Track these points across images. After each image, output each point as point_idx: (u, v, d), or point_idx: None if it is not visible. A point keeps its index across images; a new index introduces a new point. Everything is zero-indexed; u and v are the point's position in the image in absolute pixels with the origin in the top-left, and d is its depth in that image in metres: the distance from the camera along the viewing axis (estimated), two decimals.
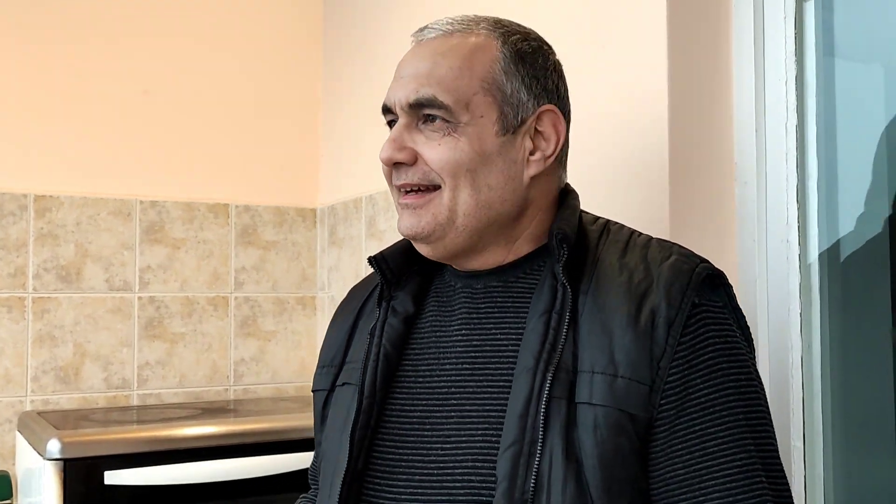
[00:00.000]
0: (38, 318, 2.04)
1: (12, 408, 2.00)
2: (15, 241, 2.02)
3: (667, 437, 0.86)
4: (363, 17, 2.21)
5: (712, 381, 0.87)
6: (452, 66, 0.96)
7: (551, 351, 0.89)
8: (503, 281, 0.99)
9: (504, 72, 0.97)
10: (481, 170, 0.95)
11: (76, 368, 2.07)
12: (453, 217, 0.96)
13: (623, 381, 0.86)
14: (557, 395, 0.87)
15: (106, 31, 2.15)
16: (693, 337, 0.88)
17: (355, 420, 0.97)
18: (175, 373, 2.17)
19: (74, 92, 2.11)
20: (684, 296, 0.88)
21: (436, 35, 1.00)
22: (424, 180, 0.96)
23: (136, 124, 2.17)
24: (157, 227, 2.18)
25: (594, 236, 0.98)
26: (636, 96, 1.32)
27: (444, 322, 1.01)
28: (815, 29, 1.29)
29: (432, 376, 0.98)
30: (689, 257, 0.93)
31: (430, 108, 0.95)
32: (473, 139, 0.95)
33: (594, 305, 0.90)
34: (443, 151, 0.95)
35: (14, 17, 2.06)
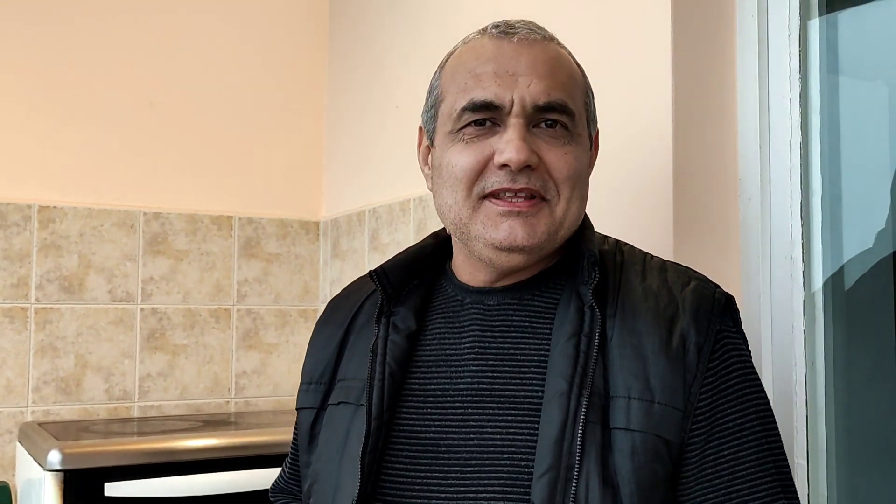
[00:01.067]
0: (40, 328, 2.04)
1: (13, 418, 1.99)
2: (18, 251, 2.03)
3: (698, 461, 0.87)
4: (368, 31, 2.22)
5: (739, 407, 0.88)
6: (568, 74, 0.95)
7: (583, 375, 0.87)
8: (517, 298, 0.96)
9: (589, 88, 1.00)
10: (585, 181, 0.97)
11: (77, 379, 2.07)
12: (559, 228, 0.94)
13: (660, 406, 0.86)
14: (592, 420, 0.86)
15: (112, 44, 2.16)
16: (720, 363, 0.89)
17: (365, 443, 0.92)
18: (176, 385, 2.17)
19: (80, 103, 2.12)
20: (711, 322, 0.89)
21: (536, 38, 0.95)
22: (542, 188, 0.92)
23: (140, 136, 2.18)
24: (161, 239, 2.18)
25: (609, 257, 0.97)
26: (640, 112, 1.32)
27: (452, 339, 0.97)
28: (819, 46, 1.30)
29: (445, 396, 0.94)
30: (706, 283, 0.94)
31: (560, 113, 0.92)
32: (584, 151, 0.96)
33: (623, 329, 0.90)
34: (570, 161, 0.92)
35: (20, 29, 2.07)
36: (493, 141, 0.92)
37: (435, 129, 0.99)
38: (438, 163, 0.97)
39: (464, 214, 0.94)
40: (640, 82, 1.32)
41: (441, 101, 0.98)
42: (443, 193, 0.96)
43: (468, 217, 0.93)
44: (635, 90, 1.33)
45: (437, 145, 0.98)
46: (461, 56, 0.98)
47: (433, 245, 1.06)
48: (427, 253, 1.05)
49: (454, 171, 0.93)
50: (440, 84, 1.00)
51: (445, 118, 0.96)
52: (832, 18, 1.31)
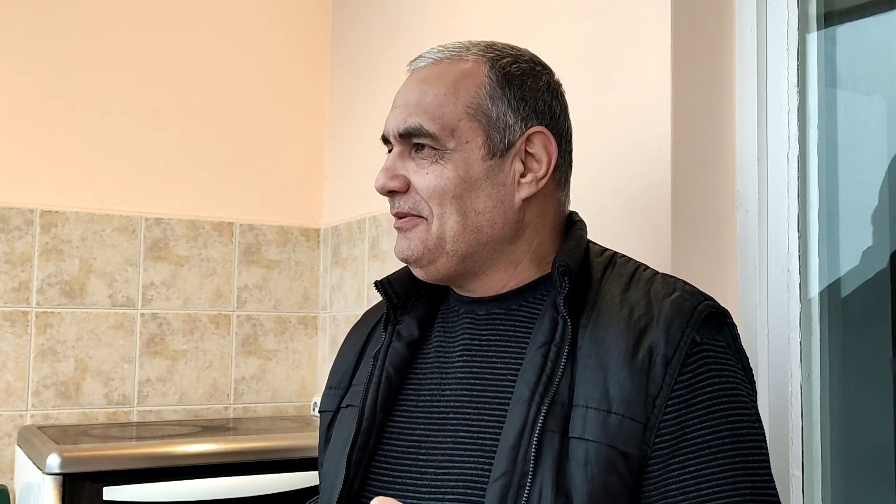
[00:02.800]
0: (40, 332, 2.04)
1: (12, 422, 2.00)
2: (20, 255, 2.03)
3: (660, 476, 0.85)
4: (369, 39, 2.23)
5: (709, 422, 0.86)
6: (438, 93, 0.98)
7: (548, 384, 0.88)
8: (505, 308, 0.99)
9: (490, 96, 0.98)
10: (468, 195, 0.96)
11: (77, 383, 2.07)
12: (442, 242, 0.97)
13: (616, 417, 0.85)
14: (551, 429, 0.86)
15: (116, 50, 2.17)
16: (692, 376, 0.87)
17: (353, 441, 0.98)
18: (175, 390, 2.18)
19: (83, 108, 2.13)
20: (683, 333, 0.88)
21: (426, 63, 1.01)
22: (414, 209, 0.98)
23: (143, 142, 2.19)
24: (162, 245, 2.19)
25: (599, 268, 0.98)
26: (639, 124, 1.33)
27: (447, 348, 1.01)
28: (817, 60, 1.31)
29: (433, 401, 0.98)
30: (692, 294, 0.93)
31: (418, 136, 0.97)
32: (459, 165, 0.96)
33: (592, 339, 0.90)
34: (430, 179, 0.96)
35: (23, 34, 2.08)
36: None
37: None
38: None
39: None
40: (638, 95, 1.33)
41: None
42: None
43: None
44: (634, 103, 1.34)
45: None
46: None
47: None
48: None
49: None
50: None
51: None
52: (830, 32, 1.32)
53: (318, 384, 2.35)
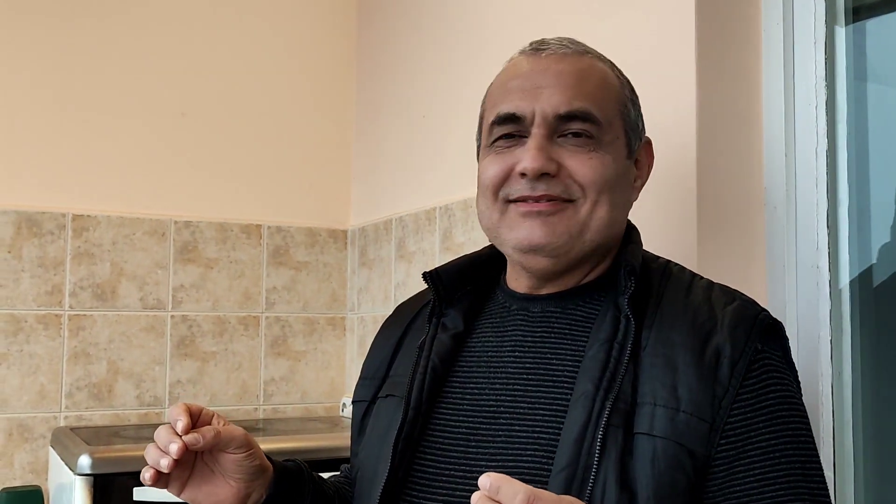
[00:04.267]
0: (73, 335, 2.07)
1: (46, 423, 2.03)
2: (53, 259, 2.06)
3: (725, 476, 0.86)
4: (396, 40, 2.24)
5: (774, 428, 0.87)
6: (598, 84, 0.98)
7: (611, 380, 0.89)
8: (561, 307, 0.99)
9: (630, 99, 1.01)
10: (618, 188, 0.98)
11: (109, 385, 2.10)
12: (584, 230, 0.96)
13: (685, 415, 0.86)
14: (615, 424, 0.86)
15: (145, 56, 2.20)
16: (756, 381, 0.88)
17: (399, 430, 0.97)
18: (206, 391, 2.20)
19: (113, 114, 2.15)
20: (748, 339, 0.89)
21: (566, 52, 1.00)
22: (565, 193, 0.95)
23: (172, 146, 2.21)
24: (191, 247, 2.21)
25: (656, 275, 0.99)
26: (664, 120, 1.32)
27: (496, 342, 1.01)
28: (846, 53, 1.29)
29: (481, 394, 0.98)
30: (752, 304, 0.94)
31: (583, 121, 0.96)
32: (616, 159, 0.97)
33: (658, 340, 0.91)
34: (594, 166, 0.95)
35: (52, 41, 2.11)
36: (518, 152, 0.97)
37: (480, 145, 1.06)
38: (478, 175, 1.03)
39: (493, 219, 1.00)
40: (663, 90, 1.32)
41: (483, 118, 1.06)
42: (479, 202, 1.03)
43: (497, 221, 1.00)
44: (659, 98, 1.33)
45: (480, 159, 1.05)
46: (500, 75, 1.05)
47: (489, 254, 1.11)
48: (483, 261, 1.10)
49: (484, 180, 1.00)
50: (484, 102, 1.07)
51: (485, 133, 1.04)
52: (859, 26, 1.30)
53: (346, 385, 2.36)
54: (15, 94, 2.06)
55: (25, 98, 2.07)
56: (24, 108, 2.07)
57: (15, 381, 2.01)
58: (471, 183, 1.36)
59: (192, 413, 0.95)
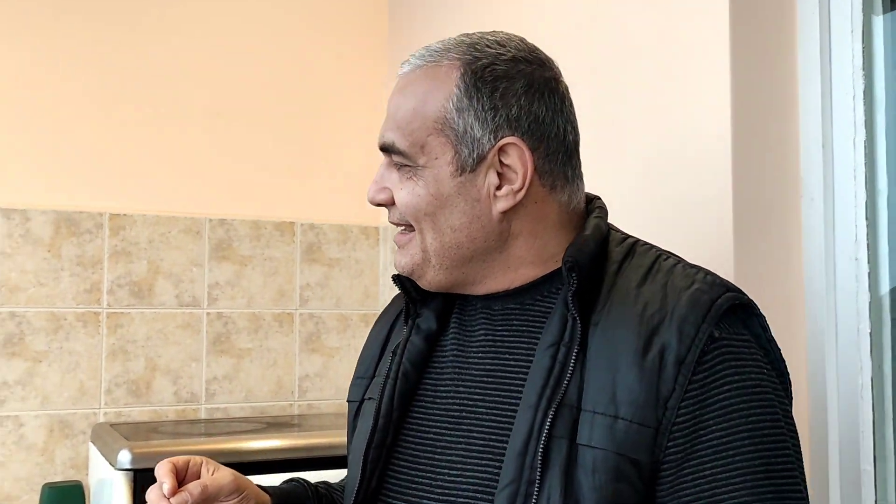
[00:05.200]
0: (111, 332, 2.10)
1: (87, 419, 2.06)
2: (91, 257, 2.10)
3: (673, 481, 0.82)
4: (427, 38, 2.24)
5: (726, 423, 0.81)
6: (409, 107, 0.95)
7: (555, 387, 0.85)
8: (520, 303, 0.95)
9: (457, 109, 0.92)
10: (441, 213, 0.93)
11: (147, 382, 2.13)
12: (427, 257, 0.95)
13: (623, 423, 0.82)
14: (559, 435, 0.83)
15: (179, 57, 2.22)
16: (707, 374, 0.83)
17: (370, 439, 0.96)
18: (241, 388, 2.22)
19: (148, 114, 2.18)
20: (699, 330, 0.83)
21: (407, 70, 0.98)
22: (402, 221, 0.97)
23: (206, 145, 2.24)
24: (226, 245, 2.23)
25: (617, 258, 0.93)
26: (698, 110, 1.31)
27: (464, 342, 0.98)
28: (883, 43, 1.27)
29: (448, 397, 0.96)
30: (712, 286, 0.87)
31: (392, 153, 0.96)
32: (430, 182, 0.93)
33: (603, 339, 0.86)
34: (404, 196, 0.94)
35: (89, 43, 2.14)
36: None
37: None
38: None
39: None
40: (697, 80, 1.31)
41: None
42: None
43: None
44: (693, 88, 1.32)
45: None
46: None
47: None
48: None
49: None
50: None
51: None
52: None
53: None
54: (53, 97, 2.09)
55: (63, 101, 2.11)
56: (62, 110, 2.10)
57: (56, 378, 2.04)
58: None
59: (178, 468, 0.97)
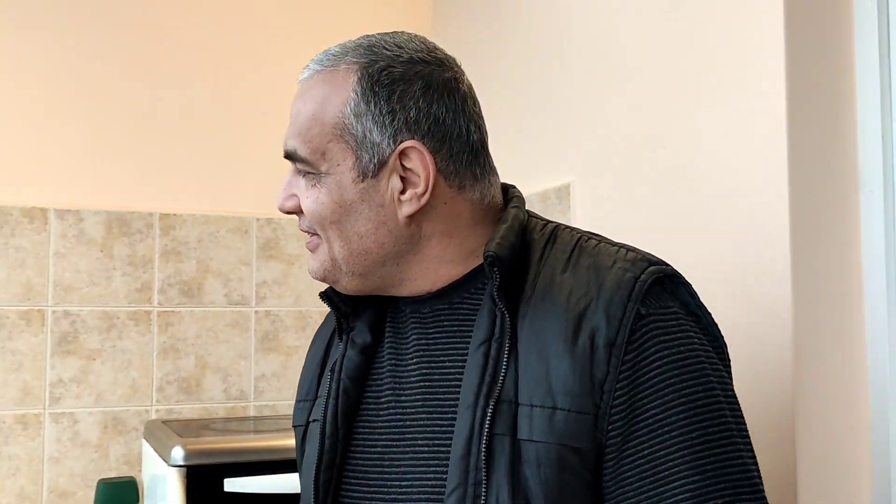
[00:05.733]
0: (162, 331, 2.13)
1: (139, 416, 2.09)
2: (142, 257, 2.13)
3: (615, 465, 0.81)
4: (472, 26, 2.23)
5: (659, 399, 0.81)
6: (308, 114, 0.93)
7: (491, 384, 0.83)
8: (448, 302, 0.93)
9: (354, 114, 0.90)
10: (346, 220, 0.91)
11: (197, 380, 2.16)
12: (336, 264, 0.93)
13: (562, 413, 0.81)
14: (500, 432, 0.82)
15: (225, 58, 2.25)
16: (638, 353, 0.82)
17: (318, 462, 0.94)
18: (289, 385, 2.23)
19: (195, 116, 2.21)
20: (626, 309, 0.82)
21: (307, 75, 0.96)
22: (310, 229, 0.95)
23: (253, 145, 2.26)
24: (273, 244, 2.25)
25: (538, 246, 0.91)
26: (752, 100, 1.28)
27: (400, 350, 0.96)
28: None
29: (389, 408, 0.94)
30: (634, 263, 0.86)
31: (295, 160, 0.93)
32: (333, 189, 0.91)
33: (531, 331, 0.85)
34: (309, 204, 0.92)
35: (135, 46, 2.17)
36: None
37: None
38: None
39: None
40: (750, 71, 1.28)
41: None
42: None
43: None
44: (746, 79, 1.29)
45: None
46: None
47: None
48: None
49: None
50: None
51: None
52: None
53: None
54: (105, 101, 2.13)
55: (115, 105, 2.14)
56: (114, 114, 2.14)
57: (109, 376, 2.08)
58: (543, 174, 1.35)
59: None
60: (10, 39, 2.06)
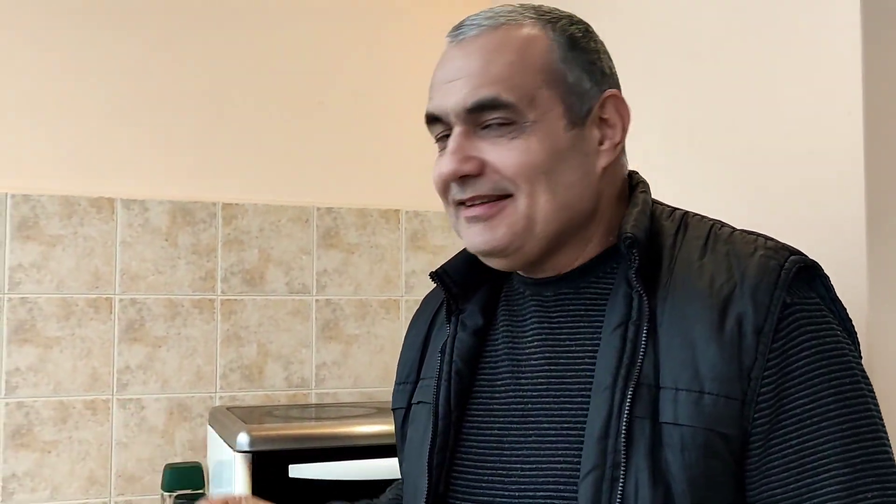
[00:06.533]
0: (225, 318, 2.17)
1: (203, 403, 2.13)
2: (206, 246, 2.16)
3: (761, 454, 0.80)
4: None
5: (809, 389, 0.79)
6: (508, 60, 0.88)
7: (630, 366, 0.82)
8: (574, 287, 0.92)
9: (563, 60, 0.90)
10: (557, 169, 0.88)
11: (260, 367, 2.19)
12: (531, 225, 0.88)
13: (710, 397, 0.79)
14: (640, 415, 0.81)
15: (283, 48, 2.26)
16: (786, 341, 0.80)
17: (432, 443, 0.93)
18: (350, 373, 2.25)
19: (256, 106, 2.23)
20: (772, 297, 0.81)
21: (478, 32, 0.91)
22: (496, 190, 0.88)
23: (312, 135, 2.28)
24: (333, 233, 2.27)
25: (670, 233, 0.90)
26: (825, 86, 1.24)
27: (516, 333, 0.95)
28: None
29: (507, 391, 0.93)
30: (776, 251, 0.85)
31: (493, 110, 0.88)
32: (544, 138, 0.87)
33: (673, 314, 0.83)
34: (515, 156, 0.87)
35: (198, 38, 2.20)
36: None
37: None
38: None
39: (452, 221, 0.95)
40: (824, 51, 1.24)
41: None
42: None
43: (454, 224, 0.94)
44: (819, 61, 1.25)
45: None
46: None
47: None
48: None
49: (434, 183, 0.93)
50: None
51: None
52: None
53: None
54: (169, 95, 2.16)
55: (179, 98, 2.17)
56: (178, 107, 2.17)
57: (174, 362, 2.12)
58: None
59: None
60: (76, 34, 2.11)
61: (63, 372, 2.04)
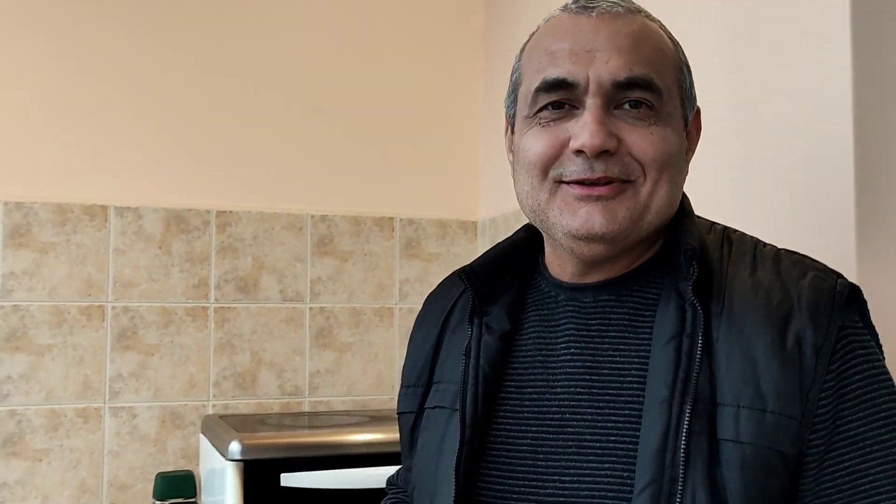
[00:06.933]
0: (219, 326, 2.16)
1: (196, 411, 2.12)
2: (199, 254, 2.16)
3: (815, 474, 0.80)
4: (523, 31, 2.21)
5: (862, 413, 0.80)
6: (655, 47, 0.87)
7: (686, 380, 0.80)
8: (615, 295, 0.90)
9: (684, 64, 0.91)
10: (676, 165, 0.88)
11: (253, 375, 2.18)
12: (645, 213, 0.86)
13: (773, 416, 0.78)
14: (697, 430, 0.79)
15: (279, 56, 2.26)
16: (841, 363, 0.80)
17: (459, 451, 0.89)
18: (343, 381, 2.25)
19: (251, 114, 2.23)
20: (830, 319, 0.81)
21: (618, 11, 0.88)
22: (623, 173, 0.85)
23: (307, 143, 2.27)
24: (327, 240, 2.26)
25: (715, 247, 0.90)
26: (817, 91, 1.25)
27: (548, 339, 0.92)
28: None
29: (541, 399, 0.89)
30: (826, 273, 0.86)
31: (644, 90, 0.85)
32: (675, 132, 0.88)
33: (730, 329, 0.82)
34: (656, 141, 0.85)
35: (193, 45, 2.20)
36: (570, 125, 0.87)
37: (515, 114, 0.95)
38: (517, 149, 0.92)
39: (541, 200, 0.89)
40: (813, 45, 1.25)
41: (519, 84, 0.93)
42: (520, 180, 0.91)
43: (545, 202, 0.89)
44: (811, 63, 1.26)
45: (517, 131, 0.93)
46: (539, 35, 0.93)
47: (525, 238, 1.01)
48: (518, 247, 1.00)
49: (530, 157, 0.88)
50: (519, 66, 0.95)
51: (523, 102, 0.91)
52: None
53: None
54: (163, 101, 2.16)
55: (172, 105, 2.17)
56: (172, 114, 2.17)
57: (167, 370, 2.11)
58: None
59: None
60: (70, 42, 2.10)
61: (55, 380, 2.03)
